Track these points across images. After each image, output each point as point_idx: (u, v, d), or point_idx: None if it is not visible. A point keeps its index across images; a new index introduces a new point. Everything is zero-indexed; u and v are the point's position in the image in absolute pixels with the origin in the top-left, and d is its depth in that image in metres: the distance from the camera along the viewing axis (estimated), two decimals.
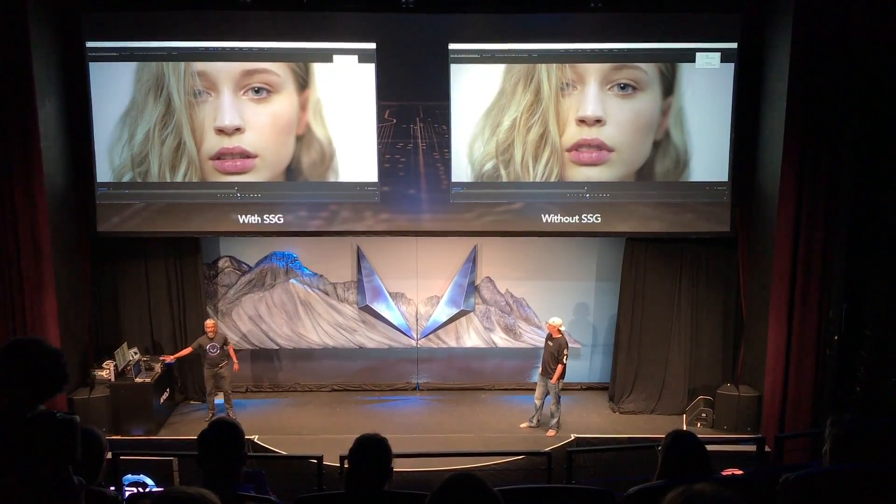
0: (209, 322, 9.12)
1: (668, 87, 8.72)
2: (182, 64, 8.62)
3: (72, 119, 8.67)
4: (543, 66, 8.66)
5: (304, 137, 8.84)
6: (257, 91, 8.71)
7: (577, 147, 8.83)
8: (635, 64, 8.64)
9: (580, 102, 8.73)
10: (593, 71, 8.66)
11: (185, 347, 9.30)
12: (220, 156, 8.81)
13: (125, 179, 8.86)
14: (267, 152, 8.84)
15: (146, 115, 8.71)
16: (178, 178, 8.85)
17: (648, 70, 8.68)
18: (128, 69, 8.64)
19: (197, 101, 8.69)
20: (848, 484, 3.12)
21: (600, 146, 8.81)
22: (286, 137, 8.82)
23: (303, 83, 8.73)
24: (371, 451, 3.21)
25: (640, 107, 8.75)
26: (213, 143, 8.79)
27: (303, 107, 8.78)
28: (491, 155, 8.89)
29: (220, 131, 8.75)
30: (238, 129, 8.75)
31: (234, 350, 9.32)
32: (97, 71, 8.63)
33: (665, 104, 8.76)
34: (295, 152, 8.86)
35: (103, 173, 8.84)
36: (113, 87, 8.66)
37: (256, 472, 3.28)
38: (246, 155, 8.82)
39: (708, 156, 8.87)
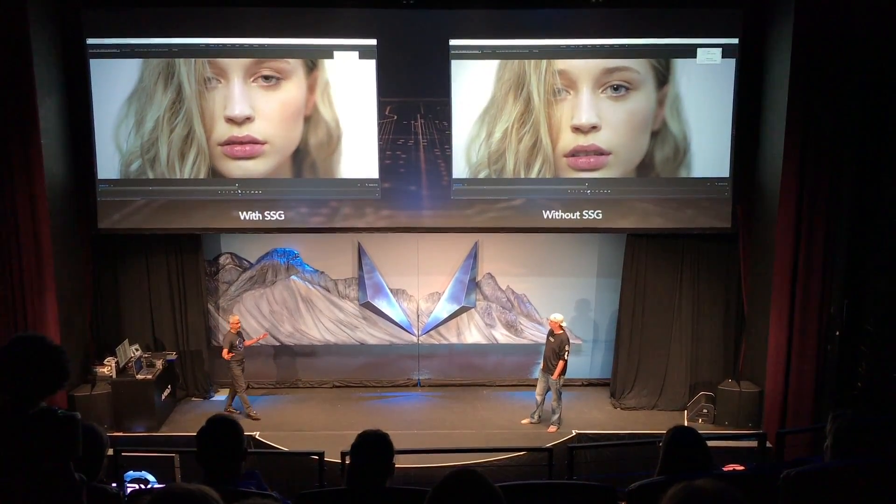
0: (236, 318, 9.17)
1: (663, 78, 8.70)
2: None
3: (73, 116, 8.68)
4: (533, 74, 8.65)
5: (311, 118, 8.85)
6: (267, 78, 8.72)
7: (574, 154, 8.83)
8: (627, 65, 8.62)
9: (574, 109, 8.72)
10: (585, 76, 8.65)
11: (224, 347, 9.04)
12: (229, 142, 8.84)
13: (134, 166, 8.87)
14: (276, 139, 8.87)
15: (155, 103, 8.72)
16: (188, 165, 8.87)
17: (640, 68, 8.66)
18: (129, 65, 8.63)
19: (207, 88, 8.71)
20: (849, 479, 3.13)
21: (597, 151, 8.81)
22: (295, 123, 8.85)
23: (311, 66, 8.73)
24: (372, 447, 3.21)
25: (635, 106, 8.74)
26: (222, 130, 8.81)
27: (311, 88, 8.78)
28: (484, 165, 8.91)
29: (231, 120, 8.77)
30: (248, 119, 8.77)
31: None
32: (98, 67, 8.63)
33: (660, 94, 8.74)
34: (303, 135, 8.87)
35: (111, 159, 8.84)
36: (114, 83, 8.66)
37: (250, 472, 3.24)
38: (255, 142, 8.84)
39: (709, 151, 8.86)
